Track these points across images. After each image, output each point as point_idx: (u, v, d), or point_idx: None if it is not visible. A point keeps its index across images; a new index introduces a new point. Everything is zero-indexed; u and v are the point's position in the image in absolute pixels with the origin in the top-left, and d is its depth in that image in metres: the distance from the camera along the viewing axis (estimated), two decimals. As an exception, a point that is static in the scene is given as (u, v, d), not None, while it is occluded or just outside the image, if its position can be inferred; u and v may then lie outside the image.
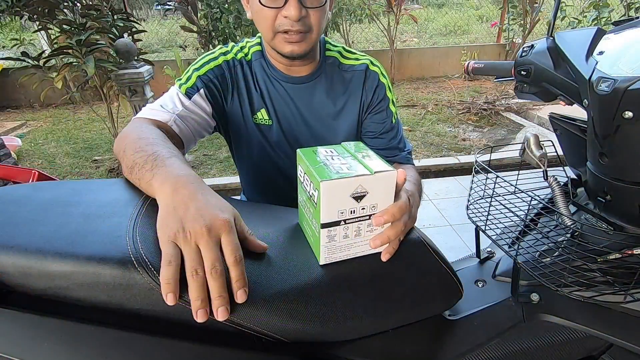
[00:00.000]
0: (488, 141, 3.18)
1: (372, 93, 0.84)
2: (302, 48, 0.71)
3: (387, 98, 0.85)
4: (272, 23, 0.69)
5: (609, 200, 0.55)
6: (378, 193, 0.46)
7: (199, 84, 0.75)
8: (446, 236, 1.97)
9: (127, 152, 0.55)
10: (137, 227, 0.44)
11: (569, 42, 0.59)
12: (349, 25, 5.11)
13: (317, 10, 0.69)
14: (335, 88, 0.83)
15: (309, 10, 0.68)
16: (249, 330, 0.43)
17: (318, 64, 0.82)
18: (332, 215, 0.45)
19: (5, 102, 4.49)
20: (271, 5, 0.67)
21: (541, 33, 5.31)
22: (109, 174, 2.76)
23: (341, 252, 0.49)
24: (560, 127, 0.68)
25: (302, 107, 0.83)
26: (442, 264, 0.55)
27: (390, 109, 0.86)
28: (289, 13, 0.66)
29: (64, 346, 0.39)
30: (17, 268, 0.40)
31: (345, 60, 0.85)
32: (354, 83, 0.83)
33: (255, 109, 0.83)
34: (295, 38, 0.70)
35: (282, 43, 0.71)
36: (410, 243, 0.54)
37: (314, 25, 0.70)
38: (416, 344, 0.54)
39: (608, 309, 0.55)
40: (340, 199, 0.44)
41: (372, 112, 0.85)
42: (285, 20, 0.68)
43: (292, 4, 0.66)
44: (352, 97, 0.84)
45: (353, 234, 0.48)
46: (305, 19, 0.68)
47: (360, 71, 0.83)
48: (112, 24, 2.44)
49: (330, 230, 0.46)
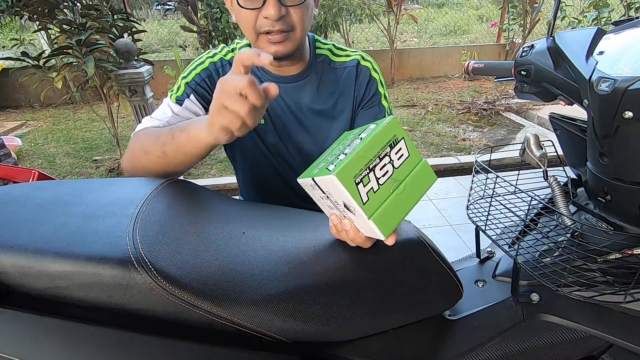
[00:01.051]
0: (488, 141, 3.18)
1: (364, 89, 0.83)
2: (286, 48, 0.70)
3: (379, 93, 0.84)
4: (254, 25, 0.68)
5: (609, 200, 0.55)
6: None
7: (187, 90, 0.77)
8: (446, 236, 1.97)
9: (150, 146, 0.63)
10: (137, 227, 0.44)
11: (569, 42, 0.59)
12: (349, 25, 5.11)
13: (298, 8, 0.67)
14: (326, 86, 0.83)
15: (289, 9, 0.67)
16: (249, 330, 0.43)
17: (308, 63, 0.81)
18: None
19: (5, 102, 4.49)
20: (250, 7, 0.66)
21: (541, 33, 5.31)
22: (109, 174, 2.76)
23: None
24: (560, 127, 0.68)
25: (294, 106, 0.83)
26: (442, 264, 0.55)
27: (383, 104, 0.85)
28: (268, 13, 0.65)
29: (64, 346, 0.39)
30: (17, 268, 0.40)
31: (336, 57, 0.84)
32: (346, 80, 0.83)
33: None
34: (278, 38, 0.69)
35: (265, 44, 0.70)
36: (410, 243, 0.54)
37: (296, 24, 0.69)
38: (416, 344, 0.54)
39: (608, 309, 0.55)
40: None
41: (364, 107, 0.84)
42: (266, 20, 0.67)
43: (270, 4, 0.65)
44: (345, 94, 0.83)
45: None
46: (286, 17, 0.67)
47: (352, 67, 0.83)
48: (112, 24, 2.44)
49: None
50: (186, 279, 0.42)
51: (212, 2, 3.63)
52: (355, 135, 0.48)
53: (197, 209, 0.55)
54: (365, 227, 0.46)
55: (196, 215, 0.53)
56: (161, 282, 0.40)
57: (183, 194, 0.57)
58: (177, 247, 0.45)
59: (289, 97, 0.82)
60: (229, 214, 0.56)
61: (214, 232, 0.50)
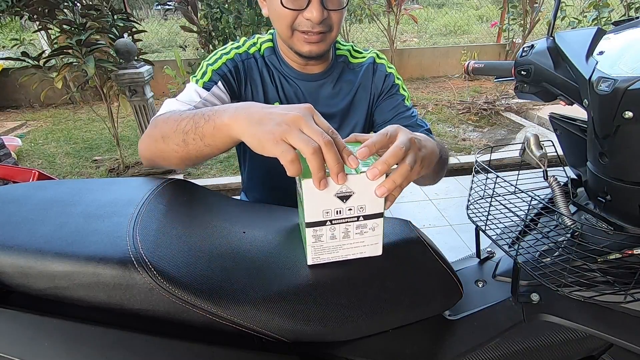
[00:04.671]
0: (488, 141, 3.18)
1: (381, 83, 0.85)
2: (321, 48, 0.73)
3: (397, 84, 0.86)
4: (292, 22, 0.70)
5: (609, 200, 0.55)
6: (365, 194, 0.44)
7: (215, 77, 0.76)
8: (446, 236, 1.97)
9: (169, 132, 0.55)
10: (137, 227, 0.44)
11: (569, 42, 0.59)
12: (349, 25, 5.10)
13: (338, 12, 0.70)
14: (343, 86, 0.85)
15: (330, 12, 0.69)
16: (249, 330, 0.43)
17: (331, 62, 0.84)
18: (317, 215, 0.44)
19: (5, 102, 4.49)
20: (293, 7, 0.68)
21: (541, 33, 5.31)
22: (109, 174, 2.76)
23: (329, 253, 0.48)
24: (560, 127, 0.68)
25: (313, 103, 0.83)
26: (442, 264, 0.55)
27: (402, 93, 0.86)
28: (311, 15, 0.67)
29: (64, 346, 0.39)
30: (17, 268, 0.40)
31: (354, 59, 0.87)
32: (363, 77, 0.85)
33: (270, 101, 0.83)
34: (315, 39, 0.71)
35: (300, 42, 0.72)
36: (410, 243, 0.54)
37: (334, 25, 0.72)
38: (416, 344, 0.54)
39: (608, 309, 0.55)
40: (325, 198, 0.43)
41: (384, 98, 0.86)
42: (307, 21, 0.69)
43: (314, 7, 0.66)
44: (362, 90, 0.86)
45: (341, 235, 0.47)
46: (327, 19, 0.69)
47: (369, 64, 0.86)
48: (112, 24, 2.44)
49: (316, 230, 0.45)
50: (186, 279, 0.42)
51: (212, 2, 3.62)
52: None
53: (197, 209, 0.55)
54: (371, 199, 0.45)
55: (196, 215, 0.53)
56: (161, 282, 0.40)
57: (183, 194, 0.57)
58: (177, 247, 0.45)
59: (309, 94, 0.84)
60: (229, 214, 0.56)
61: (214, 232, 0.50)
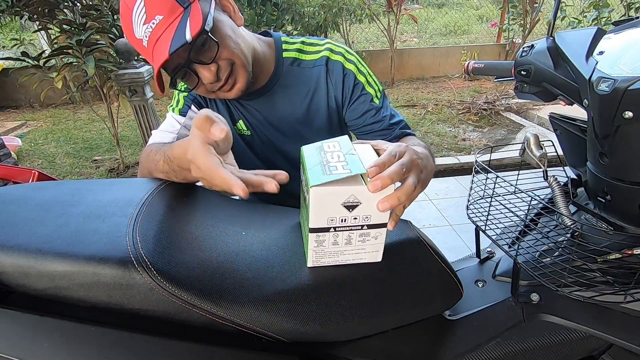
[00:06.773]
0: (488, 141, 3.18)
1: (340, 85, 0.80)
2: (241, 84, 0.70)
3: (359, 82, 0.80)
4: (206, 91, 0.71)
5: (609, 200, 0.55)
6: (372, 205, 0.44)
7: (187, 102, 0.82)
8: (446, 236, 1.97)
9: (153, 169, 0.62)
10: (137, 227, 0.44)
11: (569, 42, 0.59)
12: (349, 25, 5.10)
13: (222, 50, 0.64)
14: (298, 89, 0.81)
15: (216, 63, 0.65)
16: (249, 330, 0.43)
17: (273, 72, 0.79)
18: (322, 222, 0.44)
19: (5, 102, 4.49)
20: (192, 87, 0.69)
21: (541, 33, 5.31)
22: (109, 174, 2.76)
23: (330, 257, 0.48)
24: (560, 127, 0.68)
25: (270, 116, 0.83)
26: (442, 264, 0.55)
27: (368, 92, 0.81)
28: (207, 81, 0.66)
29: (64, 346, 0.39)
30: (17, 268, 0.40)
31: (305, 55, 0.81)
32: (317, 79, 0.80)
33: (235, 120, 0.85)
34: (228, 87, 0.69)
35: (224, 94, 0.72)
36: (410, 243, 0.54)
37: (230, 58, 0.66)
38: (416, 344, 0.54)
39: (608, 309, 0.55)
40: (331, 206, 0.43)
41: (351, 103, 0.82)
42: (210, 84, 0.68)
43: (203, 75, 0.65)
44: (317, 93, 0.81)
45: (343, 242, 0.47)
46: (219, 70, 0.66)
47: (321, 66, 0.80)
48: (112, 24, 2.44)
49: (319, 235, 0.45)
50: (186, 279, 0.42)
51: (212, 2, 3.62)
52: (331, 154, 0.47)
53: (197, 209, 0.55)
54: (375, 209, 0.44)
55: (196, 215, 0.53)
56: (161, 282, 0.40)
57: (183, 194, 0.57)
58: (177, 247, 0.45)
59: (263, 109, 0.82)
60: (228, 214, 0.56)
61: (213, 232, 0.50)
